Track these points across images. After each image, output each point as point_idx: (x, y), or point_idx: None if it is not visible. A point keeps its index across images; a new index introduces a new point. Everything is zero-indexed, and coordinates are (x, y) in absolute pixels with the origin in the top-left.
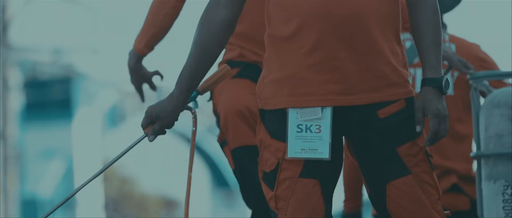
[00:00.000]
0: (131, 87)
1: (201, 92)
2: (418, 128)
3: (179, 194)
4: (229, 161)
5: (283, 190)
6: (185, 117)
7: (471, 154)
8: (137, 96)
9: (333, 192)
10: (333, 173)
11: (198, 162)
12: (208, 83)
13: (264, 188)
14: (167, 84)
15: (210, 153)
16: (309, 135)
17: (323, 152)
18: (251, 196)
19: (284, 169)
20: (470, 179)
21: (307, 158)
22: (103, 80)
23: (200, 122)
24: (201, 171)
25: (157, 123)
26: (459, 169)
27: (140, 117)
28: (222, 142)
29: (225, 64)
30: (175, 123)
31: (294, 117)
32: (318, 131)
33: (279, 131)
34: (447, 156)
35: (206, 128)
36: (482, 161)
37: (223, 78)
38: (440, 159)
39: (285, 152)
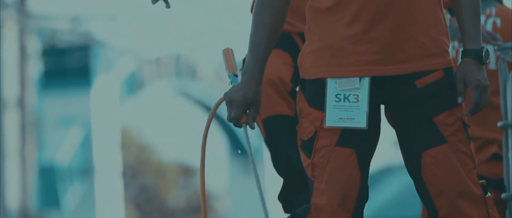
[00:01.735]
0: (150, 55)
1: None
2: (459, 100)
3: (197, 162)
4: (260, 130)
5: (319, 158)
6: (203, 85)
7: (499, 124)
8: (155, 64)
9: (369, 161)
10: (370, 143)
11: (215, 129)
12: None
13: (302, 155)
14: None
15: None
16: (347, 104)
17: (361, 121)
18: (282, 165)
19: (321, 138)
20: None
21: (345, 127)
22: (122, 48)
23: (217, 89)
24: (218, 138)
25: (253, 108)
26: (500, 138)
27: (158, 84)
28: None
29: None
30: (194, 90)
31: (332, 87)
32: (356, 100)
33: (317, 100)
34: (487, 127)
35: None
36: (509, 131)
37: None
38: (480, 131)
39: (322, 120)
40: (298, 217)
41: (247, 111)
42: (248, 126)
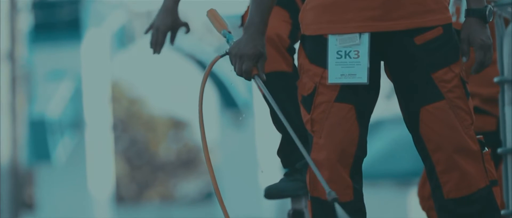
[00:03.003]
0: (140, 9)
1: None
2: (464, 59)
3: (187, 115)
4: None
5: (318, 114)
6: (194, 38)
7: (495, 79)
8: (146, 18)
9: (369, 118)
10: (369, 99)
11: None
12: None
13: (302, 111)
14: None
15: (219, 73)
16: (348, 60)
17: (362, 76)
18: (280, 121)
19: (321, 93)
20: (496, 100)
21: (347, 83)
22: (112, 1)
23: (208, 43)
24: (209, 91)
25: (262, 60)
26: (482, 92)
27: (148, 38)
28: None
29: None
30: (186, 43)
31: (333, 43)
32: (356, 56)
33: (318, 56)
34: (470, 80)
35: (214, 49)
36: (505, 86)
37: None
38: None
39: (322, 76)
40: (297, 171)
41: (257, 63)
42: (259, 78)
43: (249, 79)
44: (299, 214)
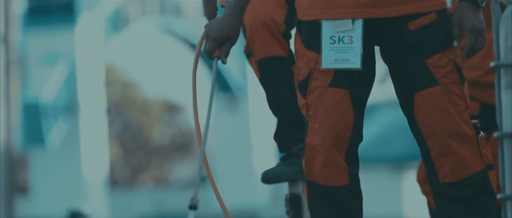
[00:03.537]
0: None
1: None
2: (455, 43)
3: (182, 98)
4: (255, 71)
5: (313, 99)
6: (188, 23)
7: (491, 64)
8: (139, 1)
9: (364, 102)
10: (364, 83)
11: (201, 67)
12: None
13: (298, 95)
14: None
15: None
16: (342, 46)
17: (355, 62)
18: (276, 105)
19: (315, 79)
20: (479, 84)
21: (340, 68)
22: None
23: (202, 26)
24: (204, 75)
25: (228, 43)
26: (468, 76)
27: (142, 22)
28: (248, 53)
29: None
30: (179, 27)
31: (327, 29)
32: (350, 42)
33: (312, 42)
34: None
35: None
36: (502, 71)
37: None
38: None
39: (317, 62)
40: (293, 156)
41: (222, 46)
42: (219, 60)
43: (211, 59)
44: (297, 198)
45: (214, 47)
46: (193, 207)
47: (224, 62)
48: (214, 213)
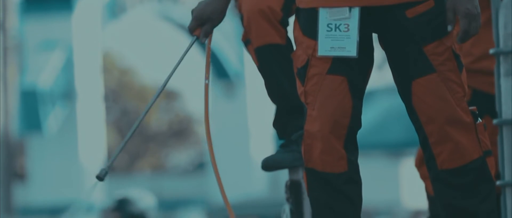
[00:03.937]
0: None
1: None
2: (449, 28)
3: (179, 85)
4: (253, 59)
5: (311, 86)
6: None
7: (490, 51)
8: None
9: (363, 90)
10: (362, 71)
11: (197, 54)
12: None
13: (297, 83)
14: None
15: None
16: (338, 33)
17: (351, 50)
18: (275, 93)
19: (313, 66)
20: (469, 71)
21: (336, 56)
22: None
23: None
24: (201, 62)
25: (208, 23)
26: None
27: (139, 8)
28: (246, 41)
29: None
30: (176, 13)
31: (324, 16)
32: (346, 29)
33: (310, 29)
34: None
35: None
36: (501, 58)
37: None
38: None
39: (314, 49)
40: (293, 142)
41: (203, 26)
42: (197, 39)
43: (193, 36)
44: (297, 185)
45: (195, 26)
46: (99, 178)
47: (202, 42)
48: (218, 208)
